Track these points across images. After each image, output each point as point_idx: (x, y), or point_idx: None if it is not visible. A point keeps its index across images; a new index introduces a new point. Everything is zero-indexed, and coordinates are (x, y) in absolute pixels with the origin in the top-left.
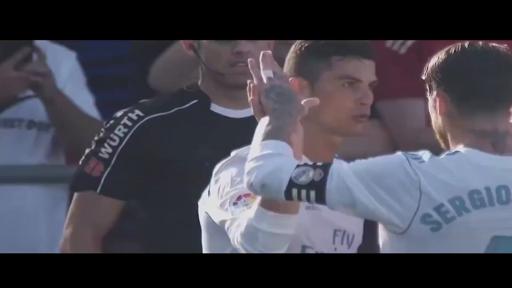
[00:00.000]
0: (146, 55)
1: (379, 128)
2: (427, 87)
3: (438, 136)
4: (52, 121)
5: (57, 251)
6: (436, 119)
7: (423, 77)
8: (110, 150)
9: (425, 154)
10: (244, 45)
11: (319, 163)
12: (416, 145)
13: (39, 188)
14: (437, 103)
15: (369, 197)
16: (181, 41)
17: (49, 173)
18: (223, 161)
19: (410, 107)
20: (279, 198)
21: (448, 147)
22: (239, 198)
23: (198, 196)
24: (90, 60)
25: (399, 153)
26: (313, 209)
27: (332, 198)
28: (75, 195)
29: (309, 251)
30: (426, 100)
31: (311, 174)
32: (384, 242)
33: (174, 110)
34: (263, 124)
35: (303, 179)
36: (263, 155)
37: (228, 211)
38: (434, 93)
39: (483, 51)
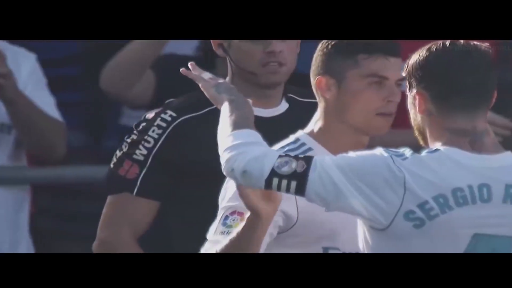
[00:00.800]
0: (96, 55)
1: None
2: (407, 83)
3: (416, 133)
4: (14, 123)
5: (20, 252)
6: (415, 116)
7: (403, 74)
8: (145, 152)
9: (406, 151)
10: (277, 44)
11: (302, 155)
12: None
13: (1, 189)
14: (417, 101)
15: (353, 192)
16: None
17: (11, 174)
18: None
19: None
20: (258, 185)
21: (426, 144)
22: (232, 213)
23: None
24: (41, 61)
25: (380, 149)
26: None
27: (312, 189)
28: (110, 197)
29: (333, 251)
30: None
31: (294, 165)
32: (363, 238)
33: (206, 110)
34: (225, 115)
35: (285, 169)
36: (242, 143)
37: (215, 226)
38: (414, 90)
39: (464, 49)
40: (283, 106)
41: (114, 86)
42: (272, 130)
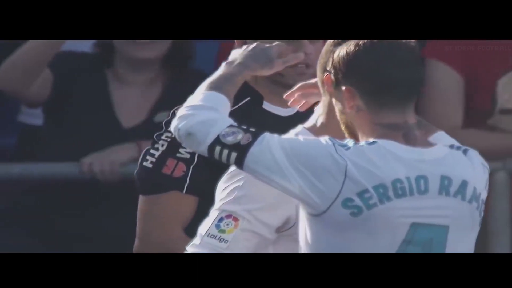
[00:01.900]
0: None
1: None
2: (333, 78)
3: (343, 127)
4: None
5: None
6: (342, 111)
7: (328, 68)
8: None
9: (349, 142)
10: (308, 46)
11: (253, 129)
12: None
13: None
14: (345, 96)
15: (293, 174)
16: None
17: None
18: None
19: None
20: (201, 150)
21: (355, 138)
22: (228, 216)
23: None
24: None
25: (326, 137)
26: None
27: (250, 164)
28: (154, 197)
29: None
30: None
31: (239, 136)
32: (302, 223)
33: (242, 102)
34: (219, 70)
35: (230, 139)
36: (200, 106)
37: (208, 226)
38: (342, 86)
39: (392, 45)
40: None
41: (11, 85)
42: (288, 128)
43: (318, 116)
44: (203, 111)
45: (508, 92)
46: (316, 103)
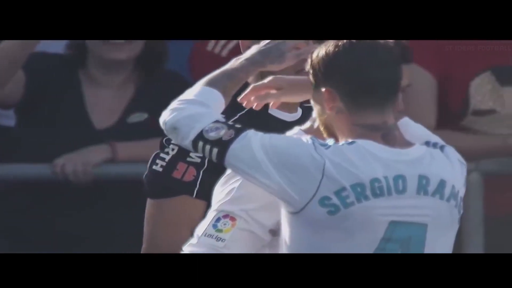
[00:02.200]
0: None
1: None
2: (312, 79)
3: (322, 128)
4: None
5: None
6: (321, 112)
7: (307, 69)
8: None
9: (329, 141)
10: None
11: (238, 125)
12: None
13: None
14: (325, 98)
15: (272, 171)
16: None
17: None
18: None
19: None
20: (185, 145)
21: (334, 139)
22: (225, 216)
23: None
24: None
25: (307, 136)
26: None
27: (231, 160)
28: (164, 201)
29: None
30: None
31: (222, 132)
32: (283, 221)
33: (238, 115)
34: (226, 65)
35: (212, 135)
36: (190, 100)
37: (205, 227)
38: (321, 87)
39: (371, 45)
40: (299, 111)
41: None
42: None
43: (314, 118)
44: (191, 106)
45: (481, 93)
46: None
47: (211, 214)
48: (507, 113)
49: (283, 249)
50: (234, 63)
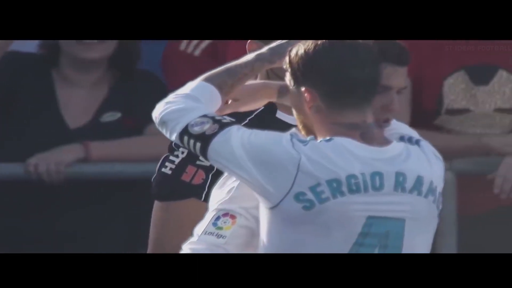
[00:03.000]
0: None
1: None
2: (291, 78)
3: (300, 127)
4: None
5: None
6: (300, 111)
7: (285, 67)
8: None
9: (309, 138)
10: None
11: (225, 120)
12: None
13: None
14: (304, 97)
15: (249, 166)
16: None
17: None
18: None
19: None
20: (173, 139)
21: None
22: (225, 215)
23: None
24: None
25: (288, 132)
26: None
27: (213, 154)
28: (172, 203)
29: None
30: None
31: (206, 126)
32: (261, 216)
33: (247, 119)
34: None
35: (196, 129)
36: (182, 95)
37: (204, 225)
38: (301, 87)
39: (351, 45)
40: None
41: None
42: None
43: None
44: (182, 100)
45: (454, 92)
46: None
47: (210, 214)
48: (480, 112)
49: (261, 245)
50: (240, 59)
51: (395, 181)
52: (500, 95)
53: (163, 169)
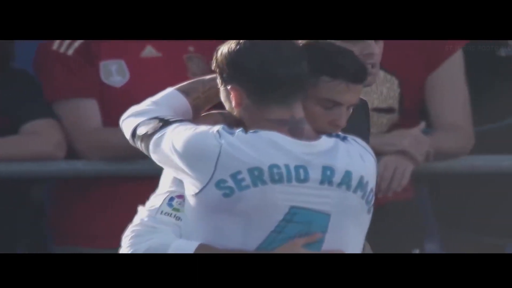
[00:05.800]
0: None
1: (52, 128)
2: (218, 78)
3: (233, 125)
4: None
5: None
6: (232, 109)
7: (213, 67)
8: None
9: (238, 129)
10: (375, 47)
11: (172, 119)
12: None
13: None
14: (231, 96)
15: (176, 157)
16: None
17: None
18: None
19: (84, 108)
20: (131, 143)
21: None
22: (179, 196)
23: None
24: None
25: (218, 125)
26: None
27: (153, 151)
28: None
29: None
30: (97, 100)
31: (150, 126)
32: (186, 204)
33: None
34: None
35: (140, 130)
36: (146, 100)
37: (158, 205)
38: (228, 85)
39: (274, 43)
40: None
41: None
42: None
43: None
44: (142, 105)
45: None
46: None
47: (161, 196)
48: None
49: (184, 231)
50: None
51: (321, 174)
52: (378, 95)
53: None
